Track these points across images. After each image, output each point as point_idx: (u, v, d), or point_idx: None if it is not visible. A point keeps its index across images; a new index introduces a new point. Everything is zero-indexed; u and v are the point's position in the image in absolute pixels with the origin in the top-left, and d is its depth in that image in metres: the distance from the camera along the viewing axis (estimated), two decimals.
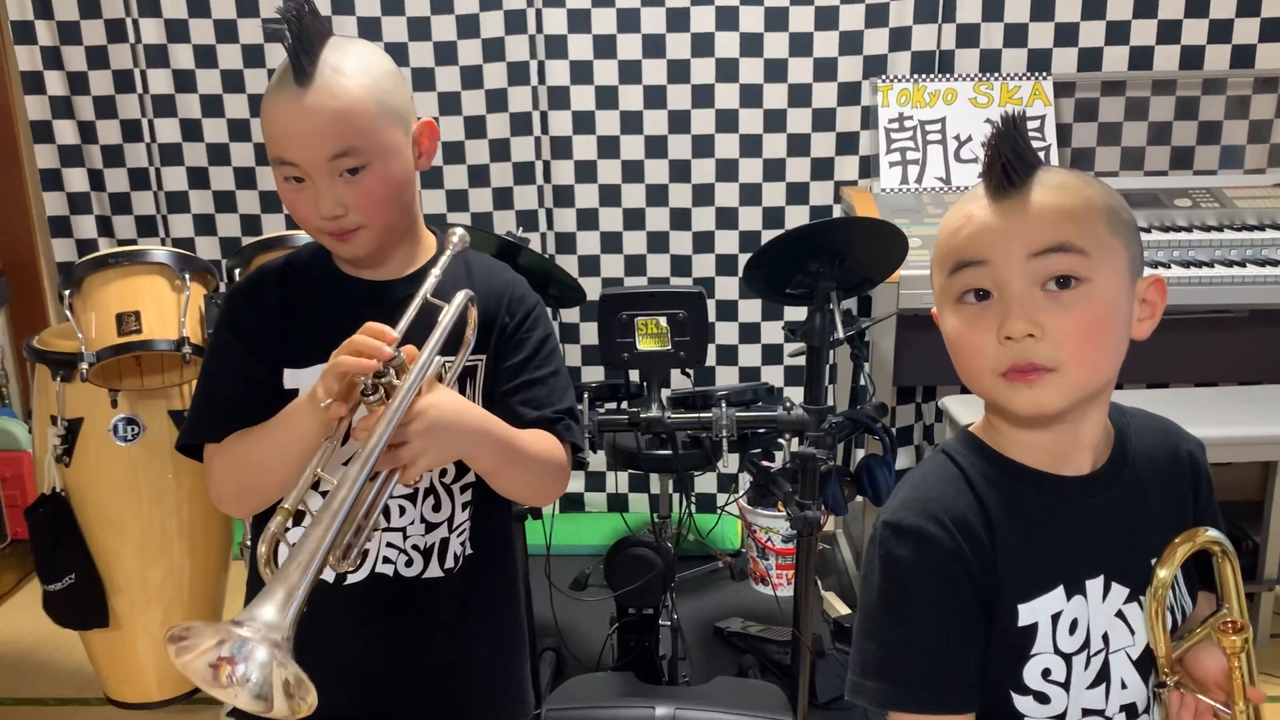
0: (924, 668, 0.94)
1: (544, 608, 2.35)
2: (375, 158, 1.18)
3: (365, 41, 1.24)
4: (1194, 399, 2.57)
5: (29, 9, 2.89)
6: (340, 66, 1.16)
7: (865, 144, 2.89)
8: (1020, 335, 0.88)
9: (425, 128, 1.26)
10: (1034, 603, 0.95)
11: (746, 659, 2.42)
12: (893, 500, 0.98)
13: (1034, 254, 0.89)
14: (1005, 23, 2.81)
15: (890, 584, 0.95)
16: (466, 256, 1.34)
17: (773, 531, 2.74)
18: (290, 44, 1.14)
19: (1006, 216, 0.91)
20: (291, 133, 1.16)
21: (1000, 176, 0.91)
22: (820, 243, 1.92)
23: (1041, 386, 0.90)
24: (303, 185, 1.18)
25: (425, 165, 1.27)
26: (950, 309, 0.95)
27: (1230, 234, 2.53)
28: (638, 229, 3.01)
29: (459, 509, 1.30)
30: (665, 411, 1.98)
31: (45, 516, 2.08)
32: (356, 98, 1.16)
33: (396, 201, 1.22)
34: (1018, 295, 0.89)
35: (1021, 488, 0.97)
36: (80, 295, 2.02)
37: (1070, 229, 0.89)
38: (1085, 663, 0.97)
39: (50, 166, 3.02)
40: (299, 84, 1.15)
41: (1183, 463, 1.05)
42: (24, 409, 3.17)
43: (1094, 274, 0.89)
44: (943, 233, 0.96)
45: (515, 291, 1.33)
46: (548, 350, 1.33)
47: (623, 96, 2.90)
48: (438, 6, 2.85)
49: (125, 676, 2.23)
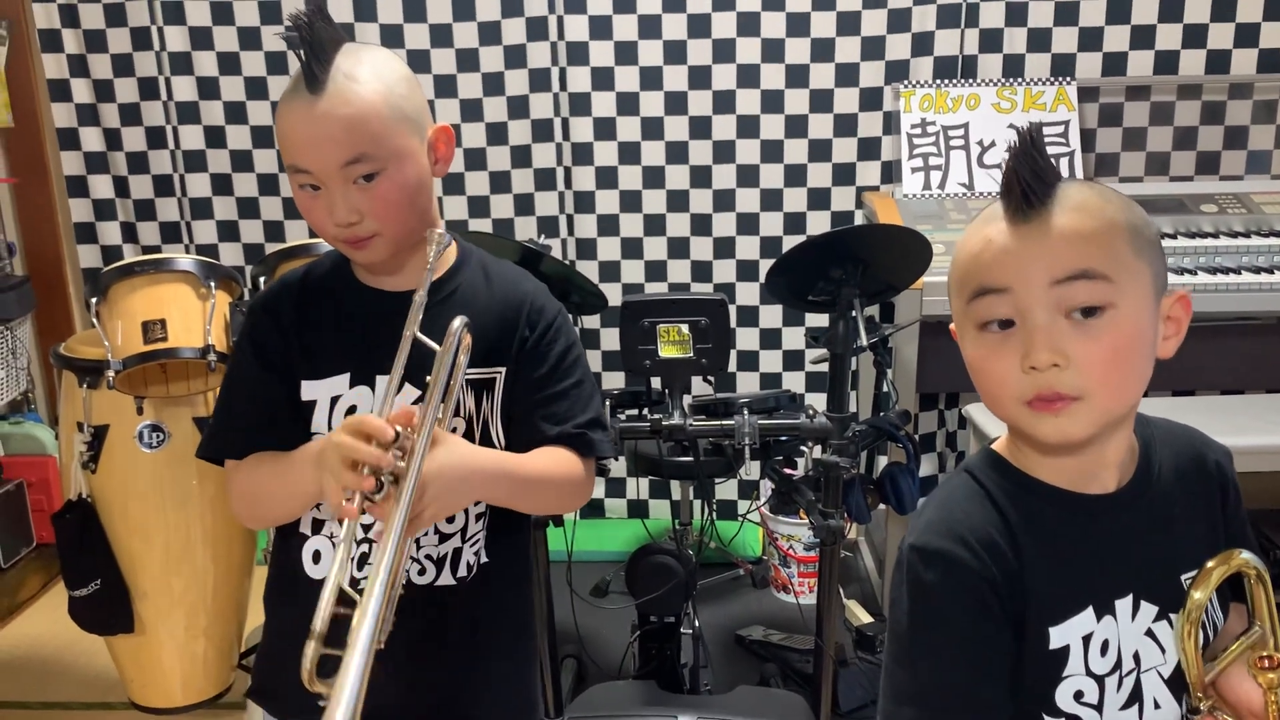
0: (958, 694, 0.92)
1: (565, 615, 2.35)
2: (389, 163, 1.17)
3: (379, 47, 1.24)
4: (1221, 407, 2.54)
5: (56, 18, 2.93)
6: (353, 73, 1.16)
7: (887, 149, 2.88)
8: (1045, 366, 0.86)
9: (441, 133, 1.25)
10: (1064, 625, 0.93)
11: (769, 667, 2.42)
12: (917, 523, 0.97)
13: (1057, 281, 0.86)
14: (1029, 27, 2.79)
15: (920, 609, 0.94)
16: (485, 263, 1.34)
17: (794, 539, 2.73)
18: (302, 51, 1.14)
19: (1027, 241, 0.88)
20: (304, 140, 1.16)
21: (1020, 200, 0.88)
22: (843, 250, 1.91)
23: (1068, 416, 0.88)
24: (317, 192, 1.18)
25: (442, 171, 1.27)
26: (971, 334, 0.93)
27: (1257, 240, 2.50)
28: (658, 235, 3.00)
29: (473, 519, 1.30)
30: (687, 419, 1.98)
31: (72, 523, 2.09)
32: (369, 103, 1.16)
33: (412, 207, 1.22)
34: (1041, 324, 0.87)
35: (1046, 507, 0.95)
36: (107, 303, 2.03)
37: (1093, 254, 0.86)
38: (1118, 684, 0.95)
39: (76, 173, 3.05)
40: (311, 91, 1.15)
41: (1209, 472, 1.03)
42: (50, 415, 3.20)
43: (1119, 299, 0.87)
44: (961, 256, 0.94)
45: (535, 302, 1.32)
46: (570, 361, 1.32)
47: (643, 103, 2.90)
48: (460, 13, 2.86)
49: (149, 681, 2.24)
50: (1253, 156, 2.84)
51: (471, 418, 1.28)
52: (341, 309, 1.29)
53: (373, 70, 1.17)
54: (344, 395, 1.26)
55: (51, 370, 3.16)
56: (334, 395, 1.26)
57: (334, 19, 1.17)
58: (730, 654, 2.53)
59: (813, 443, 2.07)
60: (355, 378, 1.26)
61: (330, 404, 1.26)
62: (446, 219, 3.01)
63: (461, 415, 1.27)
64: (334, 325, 1.28)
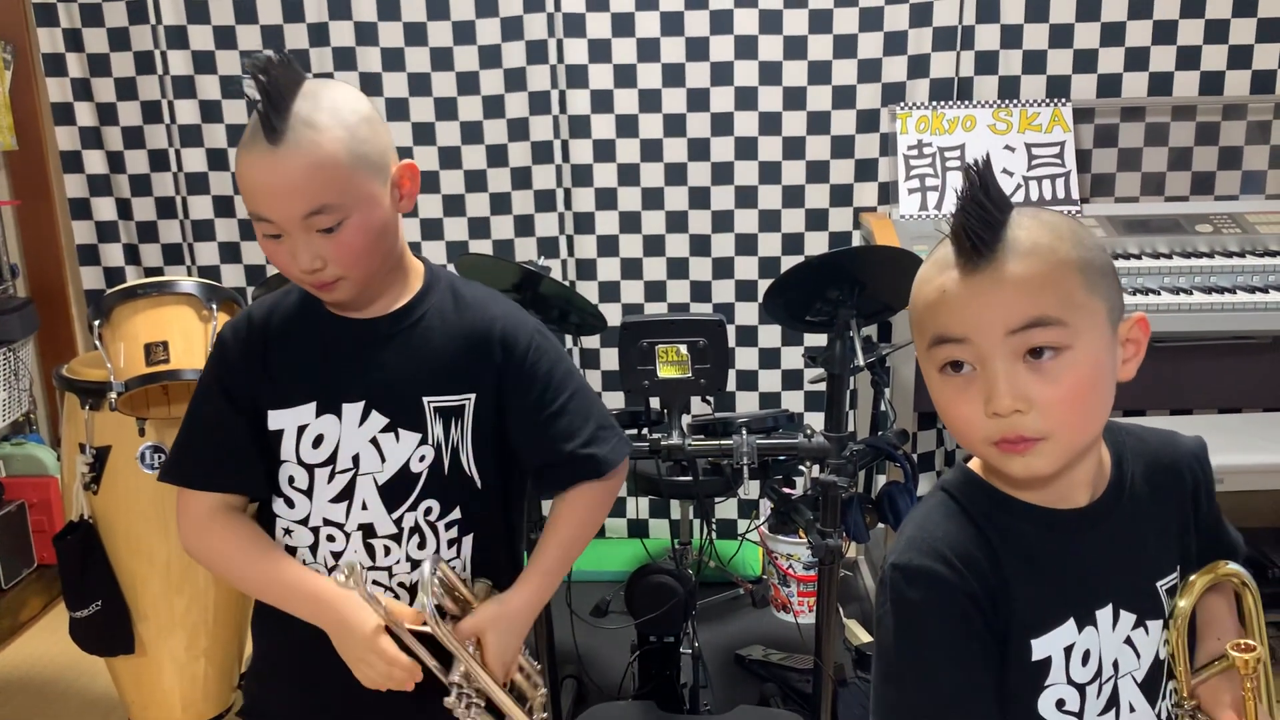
0: (948, 708, 0.94)
1: (565, 635, 2.36)
2: (352, 211, 1.16)
3: (340, 85, 1.21)
4: (1217, 426, 2.55)
5: (60, 42, 2.96)
6: (312, 119, 1.13)
7: (884, 170, 2.90)
8: (1007, 411, 0.87)
9: (405, 170, 1.24)
10: (1046, 637, 0.95)
11: (768, 687, 2.42)
12: (898, 543, 0.98)
13: (1012, 330, 0.87)
14: (1024, 50, 2.82)
15: (905, 627, 0.95)
16: (455, 286, 1.33)
17: (794, 558, 2.73)
18: (258, 100, 1.12)
19: (980, 291, 0.88)
20: (264, 191, 1.15)
21: (970, 251, 0.88)
22: (840, 271, 1.93)
23: (1034, 455, 0.89)
24: (281, 239, 1.18)
25: (407, 207, 1.26)
26: (935, 376, 0.94)
27: (1252, 259, 2.52)
28: (658, 255, 3.02)
29: (445, 546, 1.30)
30: (686, 439, 1.99)
31: (73, 543, 2.10)
32: (329, 153, 1.14)
33: (376, 251, 1.21)
34: (1000, 372, 0.87)
35: (1023, 524, 0.97)
36: (109, 325, 2.05)
37: (1046, 300, 0.87)
38: (1098, 691, 0.97)
39: (79, 196, 3.07)
40: (270, 141, 1.13)
41: (1181, 474, 1.05)
42: (52, 436, 3.21)
43: (1075, 340, 0.87)
44: (917, 302, 0.94)
45: (507, 327, 1.31)
46: (558, 378, 1.32)
47: (643, 125, 2.92)
48: (460, 37, 2.89)
49: (150, 702, 2.24)
50: (1247, 177, 2.86)
51: (440, 446, 1.28)
52: (308, 339, 1.29)
53: (333, 115, 1.15)
54: (310, 424, 1.27)
55: (53, 392, 3.17)
56: (301, 424, 1.27)
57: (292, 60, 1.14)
58: (730, 674, 2.53)
59: (811, 462, 2.08)
60: (321, 407, 1.26)
61: (297, 433, 1.27)
62: (447, 240, 3.03)
63: (430, 443, 1.27)
64: (300, 355, 1.28)
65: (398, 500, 1.27)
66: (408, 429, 1.27)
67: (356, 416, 1.26)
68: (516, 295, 2.09)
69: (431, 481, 1.28)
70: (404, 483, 1.27)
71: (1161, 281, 2.45)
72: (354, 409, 1.26)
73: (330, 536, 1.28)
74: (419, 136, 2.96)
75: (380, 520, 1.27)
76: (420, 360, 1.27)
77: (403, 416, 1.27)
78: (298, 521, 1.29)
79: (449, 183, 2.99)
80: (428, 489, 1.28)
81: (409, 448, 1.27)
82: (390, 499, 1.27)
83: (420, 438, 1.27)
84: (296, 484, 1.28)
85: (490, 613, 1.28)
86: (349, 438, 1.26)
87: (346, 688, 1.25)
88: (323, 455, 1.27)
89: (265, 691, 1.41)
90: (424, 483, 1.28)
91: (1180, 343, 2.46)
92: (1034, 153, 2.76)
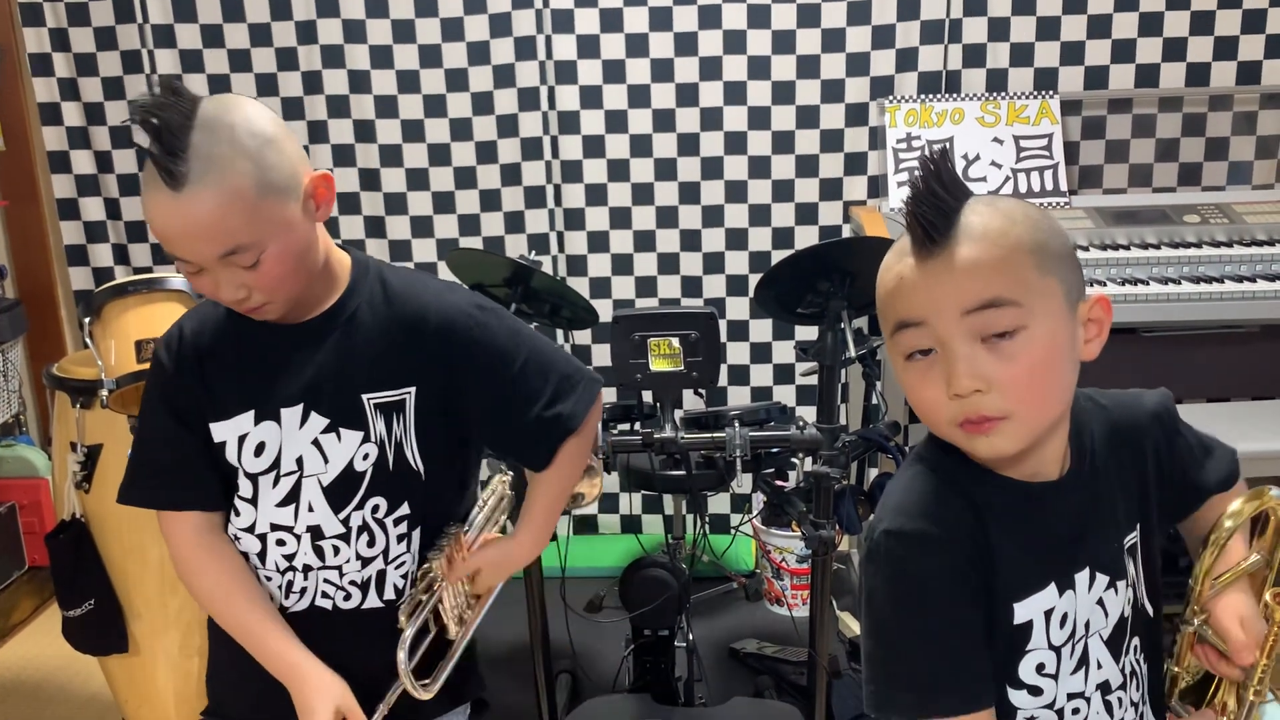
0: (948, 669, 0.94)
1: (559, 630, 2.35)
2: (268, 243, 1.14)
3: (237, 105, 1.14)
4: (1206, 415, 2.56)
5: (46, 42, 2.94)
6: (212, 157, 1.09)
7: (874, 164, 2.91)
8: (968, 392, 0.90)
9: (319, 181, 1.21)
10: (1027, 601, 0.96)
11: (763, 680, 2.42)
12: (884, 510, 1.00)
13: (967, 311, 0.89)
14: (1011, 42, 2.83)
15: (902, 591, 0.96)
16: (384, 276, 1.31)
17: (787, 551, 2.74)
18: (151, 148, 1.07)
19: (934, 276, 0.91)
20: (174, 236, 1.13)
21: (923, 237, 0.91)
22: (831, 262, 1.93)
23: (997, 434, 0.92)
24: (201, 273, 1.16)
25: (325, 215, 1.23)
26: (899, 363, 0.96)
27: (1240, 249, 2.53)
28: (648, 250, 3.02)
29: (394, 541, 1.30)
30: (678, 432, 1.99)
31: (65, 543, 2.09)
32: (234, 193, 1.10)
33: (299, 271, 1.20)
34: (960, 353, 0.90)
35: (999, 493, 0.98)
36: (100, 322, 2.04)
37: (998, 282, 0.89)
38: (1071, 651, 0.99)
39: (67, 196, 3.05)
40: (171, 188, 1.09)
41: (1141, 435, 1.07)
42: (41, 437, 3.20)
43: (1030, 320, 0.90)
44: (879, 291, 0.97)
45: (441, 314, 1.29)
46: (508, 347, 1.31)
47: (632, 120, 2.93)
48: (449, 34, 2.88)
49: (144, 701, 2.23)
50: (1234, 167, 2.87)
51: (384, 442, 1.27)
52: (240, 348, 1.27)
53: (233, 148, 1.10)
54: (250, 433, 1.26)
55: (43, 392, 3.16)
56: (241, 434, 1.26)
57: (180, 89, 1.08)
58: (724, 667, 2.54)
59: (803, 454, 2.08)
60: (260, 414, 1.26)
61: (239, 443, 1.26)
62: (437, 237, 3.03)
63: (373, 440, 1.27)
64: (234, 365, 1.27)
65: (344, 500, 1.27)
66: (349, 428, 1.26)
67: (296, 420, 1.25)
68: (508, 290, 2.09)
69: (377, 478, 1.28)
70: (349, 482, 1.27)
71: (1150, 272, 2.47)
72: (293, 413, 1.25)
73: (280, 540, 1.28)
74: (408, 133, 2.95)
75: (327, 521, 1.27)
76: (355, 358, 1.26)
77: (342, 416, 1.26)
78: (244, 529, 1.29)
79: (438, 180, 2.99)
80: (374, 486, 1.28)
81: (351, 447, 1.26)
82: (336, 499, 1.27)
83: (363, 436, 1.26)
84: (241, 493, 1.28)
85: (491, 555, 1.39)
86: (290, 441, 1.26)
87: None
88: (265, 463, 1.26)
89: (226, 691, 1.41)
90: (369, 480, 1.27)
91: (1168, 332, 2.47)
92: (1022, 145, 2.77)
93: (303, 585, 1.29)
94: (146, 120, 1.07)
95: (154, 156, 1.08)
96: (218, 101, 1.13)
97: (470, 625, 1.39)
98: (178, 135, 1.08)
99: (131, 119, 1.07)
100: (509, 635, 2.61)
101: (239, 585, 1.28)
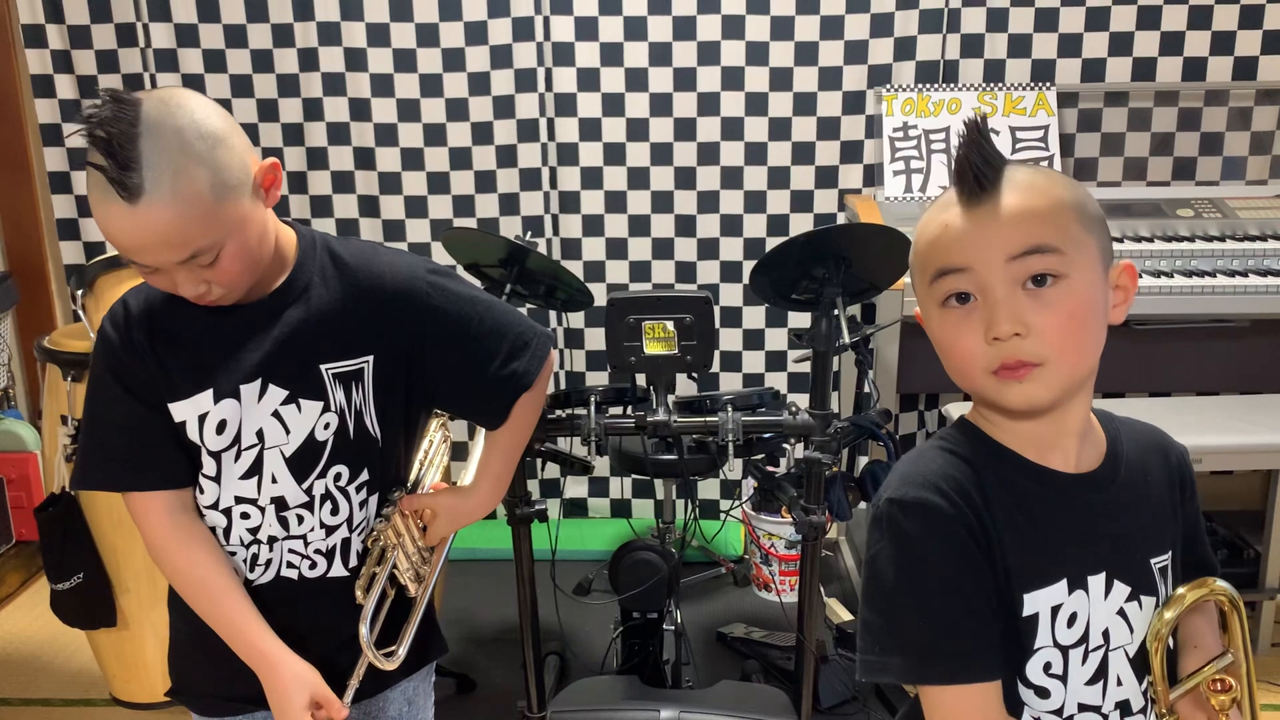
0: (948, 637, 0.94)
1: (549, 612, 2.36)
2: (225, 241, 1.14)
3: (181, 102, 1.13)
4: (1195, 408, 2.58)
5: (40, 13, 2.92)
6: (164, 164, 1.08)
7: (870, 153, 2.91)
8: (1007, 335, 0.91)
9: (266, 170, 1.20)
10: (1037, 593, 0.96)
11: (750, 664, 2.44)
12: (892, 479, 1.00)
13: (1012, 257, 0.92)
14: (1009, 33, 2.83)
15: (903, 559, 0.96)
16: (331, 248, 1.31)
17: (776, 537, 2.75)
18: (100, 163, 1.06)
19: (981, 222, 0.93)
20: (134, 247, 1.13)
21: (972, 184, 0.93)
22: (826, 248, 1.93)
23: (1031, 381, 0.93)
24: (158, 273, 1.16)
25: (274, 200, 1.23)
26: (935, 313, 0.98)
27: (1232, 244, 2.54)
28: (643, 235, 3.02)
29: (357, 508, 1.31)
30: (671, 416, 2.00)
31: (55, 516, 2.09)
32: (191, 197, 1.10)
33: (256, 260, 1.20)
34: (1001, 298, 0.92)
35: (1017, 476, 0.99)
36: (93, 295, 2.03)
37: (1044, 229, 0.92)
38: (1083, 657, 0.98)
39: (59, 170, 3.04)
40: (125, 201, 1.08)
41: (1172, 466, 1.07)
42: (31, 412, 3.19)
43: (1070, 270, 0.92)
44: (920, 241, 0.99)
45: (397, 281, 1.30)
46: (464, 309, 1.33)
47: (629, 104, 2.92)
48: (446, 14, 2.87)
49: (132, 676, 2.24)
50: (1228, 162, 2.89)
51: (344, 411, 1.28)
52: (193, 328, 1.25)
53: (183, 152, 1.09)
54: (210, 411, 1.25)
55: (33, 367, 3.15)
56: (201, 413, 1.25)
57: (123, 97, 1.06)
58: (712, 651, 2.55)
59: (795, 440, 2.09)
60: (219, 393, 1.25)
61: (199, 422, 1.25)
62: (432, 218, 3.02)
63: (333, 410, 1.27)
64: (189, 343, 1.25)
65: (306, 469, 1.28)
66: (308, 399, 1.26)
67: (255, 394, 1.25)
68: (503, 270, 2.09)
69: (338, 447, 1.29)
70: (311, 452, 1.27)
71: (1143, 265, 2.48)
72: (251, 388, 1.25)
73: (245, 514, 1.28)
74: (404, 113, 2.94)
75: (291, 491, 1.28)
76: (310, 330, 1.26)
77: (301, 387, 1.26)
78: (209, 506, 1.29)
79: (433, 160, 2.98)
80: (335, 455, 1.29)
81: (312, 417, 1.27)
82: (298, 469, 1.27)
83: (322, 406, 1.27)
84: (205, 471, 1.27)
85: (448, 501, 1.42)
86: (250, 415, 1.25)
87: None
88: (227, 440, 1.26)
89: (189, 668, 1.40)
90: (330, 449, 1.28)
91: (1160, 325, 2.48)
92: (1018, 136, 2.78)
93: (268, 557, 1.29)
94: (94, 135, 1.05)
95: (105, 172, 1.07)
96: (161, 103, 1.11)
97: (429, 581, 1.40)
98: (127, 146, 1.07)
99: (79, 132, 1.06)
100: (498, 616, 2.62)
101: (214, 570, 1.27)
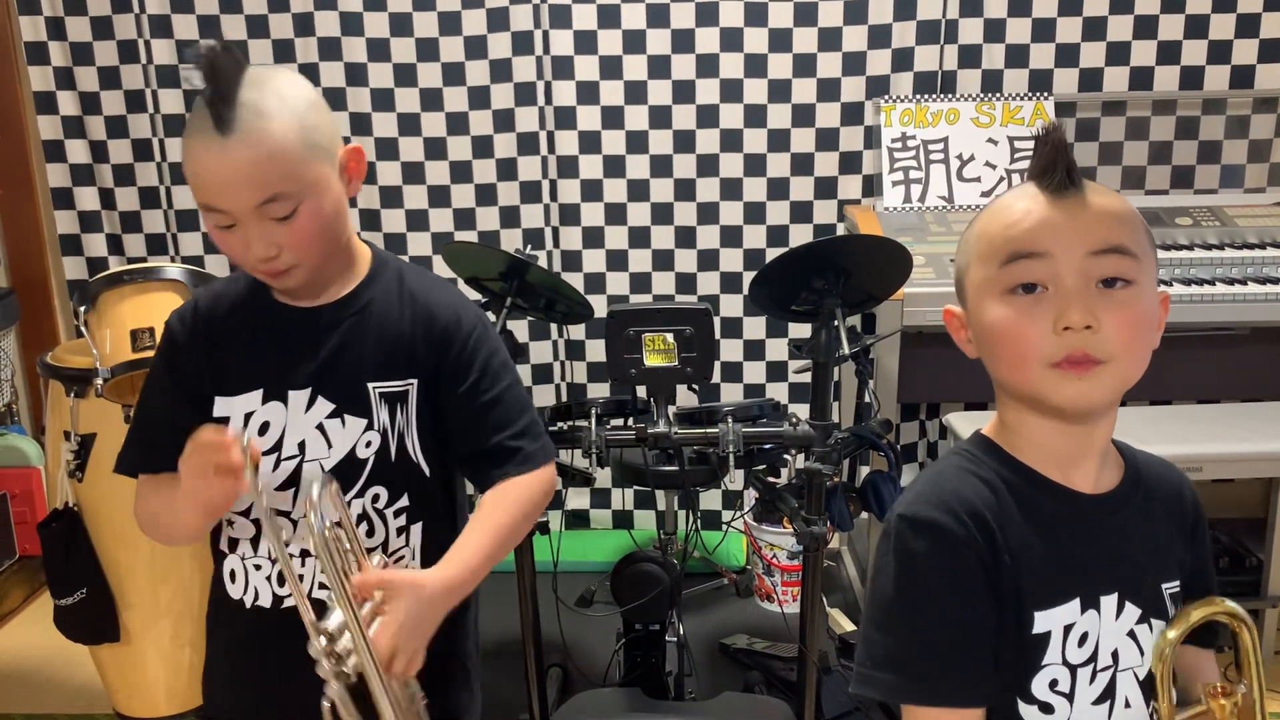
0: (936, 659, 0.94)
1: (550, 624, 2.36)
2: (305, 197, 1.16)
3: (285, 70, 1.21)
4: (1196, 416, 2.58)
5: (43, 30, 2.94)
6: (261, 107, 1.13)
7: (868, 163, 2.92)
8: (1080, 326, 0.91)
9: (351, 154, 1.24)
10: (1050, 611, 0.96)
11: (752, 675, 2.43)
12: (908, 494, 1.00)
13: (1093, 251, 0.93)
14: (1007, 44, 2.84)
15: (905, 576, 0.96)
16: (402, 272, 1.33)
17: (778, 548, 2.75)
18: (204, 89, 1.11)
19: (1068, 213, 0.94)
20: (216, 182, 1.15)
21: (1064, 176, 0.95)
22: (826, 260, 1.94)
23: (1090, 379, 0.93)
24: (233, 229, 1.17)
25: (355, 190, 1.26)
26: (997, 300, 0.96)
27: (1231, 252, 2.55)
28: (643, 247, 3.03)
29: (394, 534, 1.30)
30: (672, 427, 2.00)
31: (58, 531, 2.09)
32: (280, 141, 1.13)
33: (329, 236, 1.22)
34: (1076, 289, 0.92)
35: (1036, 494, 0.98)
36: (95, 312, 2.04)
37: (1126, 233, 0.94)
38: (1090, 677, 0.98)
39: (62, 185, 3.05)
40: (219, 132, 1.12)
41: (1186, 501, 1.08)
42: (34, 427, 3.19)
43: (1140, 278, 0.94)
44: (994, 226, 0.98)
45: (452, 314, 1.32)
46: (495, 367, 1.32)
47: (628, 117, 2.93)
48: (446, 28, 2.89)
49: (135, 691, 2.24)
50: (1226, 170, 2.89)
51: (387, 431, 1.28)
52: (255, 326, 1.28)
53: (280, 102, 1.15)
54: (257, 411, 1.26)
55: (36, 382, 3.16)
56: (247, 411, 1.26)
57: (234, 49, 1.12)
58: (714, 662, 2.55)
59: (796, 450, 2.09)
60: (268, 394, 1.26)
61: (244, 420, 1.26)
62: (432, 231, 3.03)
63: (376, 428, 1.27)
64: (248, 342, 1.28)
65: (345, 487, 1.27)
66: (353, 414, 1.27)
67: (303, 403, 1.26)
68: (504, 283, 2.09)
69: (378, 468, 1.28)
70: (350, 469, 1.27)
71: None
72: (300, 395, 1.26)
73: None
74: (404, 127, 2.95)
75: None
76: (365, 346, 1.28)
77: (348, 402, 1.27)
78: (239, 513, 1.29)
79: (434, 174, 2.99)
80: (375, 475, 1.28)
81: (355, 433, 1.27)
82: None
83: (366, 423, 1.27)
84: None
85: (405, 576, 1.17)
86: (295, 424, 1.26)
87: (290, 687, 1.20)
88: (268, 444, 1.26)
89: (218, 691, 1.41)
90: (370, 469, 1.28)
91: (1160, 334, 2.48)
92: (1016, 146, 2.79)
93: (299, 572, 1.29)
94: (204, 62, 1.10)
95: (208, 98, 1.11)
96: (264, 66, 1.18)
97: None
98: (231, 84, 1.12)
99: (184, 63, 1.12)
100: (500, 628, 2.61)
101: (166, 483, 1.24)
